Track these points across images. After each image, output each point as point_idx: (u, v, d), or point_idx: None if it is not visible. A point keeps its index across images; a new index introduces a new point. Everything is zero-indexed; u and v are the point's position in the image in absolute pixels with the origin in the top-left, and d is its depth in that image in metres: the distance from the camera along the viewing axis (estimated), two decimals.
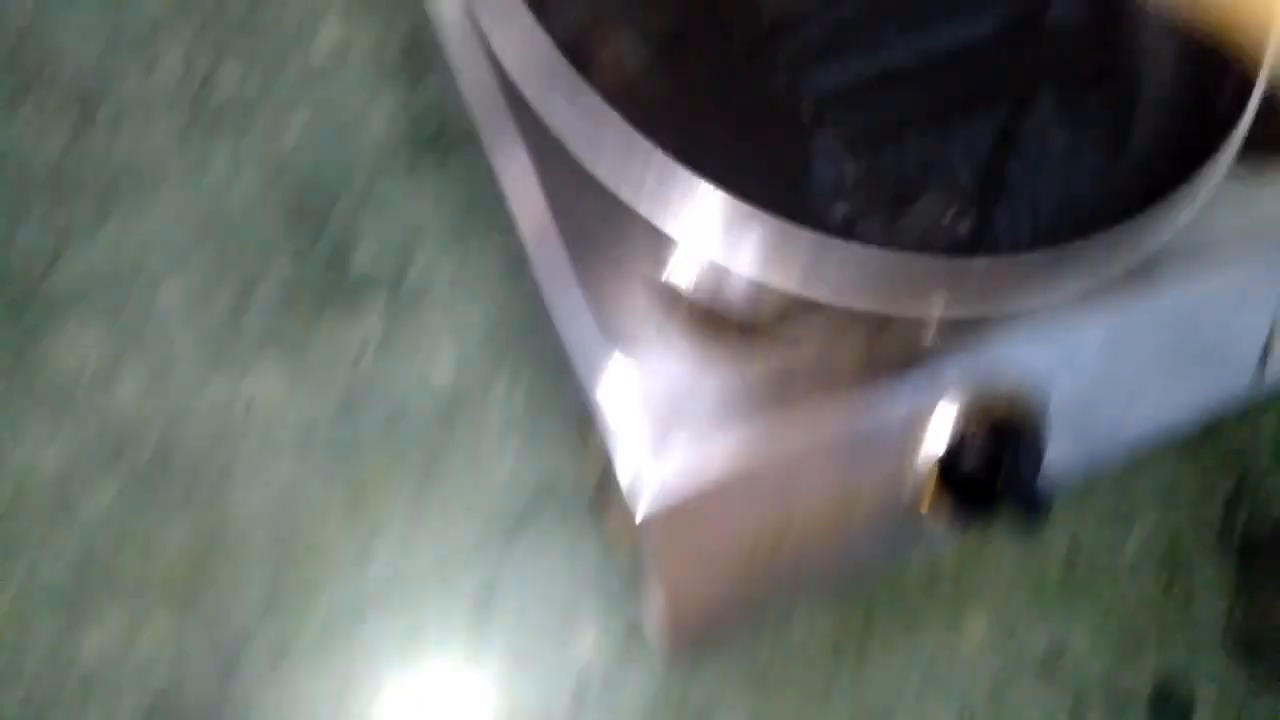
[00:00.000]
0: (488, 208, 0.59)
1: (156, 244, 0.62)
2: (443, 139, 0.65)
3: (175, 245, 0.62)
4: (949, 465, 0.53)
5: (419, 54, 0.66)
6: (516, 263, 0.53)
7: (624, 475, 0.48)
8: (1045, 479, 0.53)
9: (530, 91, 0.36)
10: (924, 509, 0.55)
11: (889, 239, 0.34)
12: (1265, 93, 0.35)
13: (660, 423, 0.48)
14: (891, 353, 0.49)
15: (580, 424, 0.52)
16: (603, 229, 0.48)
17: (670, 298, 0.47)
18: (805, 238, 0.34)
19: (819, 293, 0.37)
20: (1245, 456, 0.72)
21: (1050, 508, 0.49)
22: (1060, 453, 0.60)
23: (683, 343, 0.48)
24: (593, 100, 0.34)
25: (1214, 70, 0.36)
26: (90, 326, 0.60)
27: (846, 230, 0.33)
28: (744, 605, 0.58)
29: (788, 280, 0.36)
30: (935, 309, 0.38)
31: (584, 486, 0.60)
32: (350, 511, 0.59)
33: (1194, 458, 0.71)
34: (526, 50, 0.36)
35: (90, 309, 0.60)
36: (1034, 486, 0.52)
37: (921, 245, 0.35)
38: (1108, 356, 0.58)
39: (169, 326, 0.61)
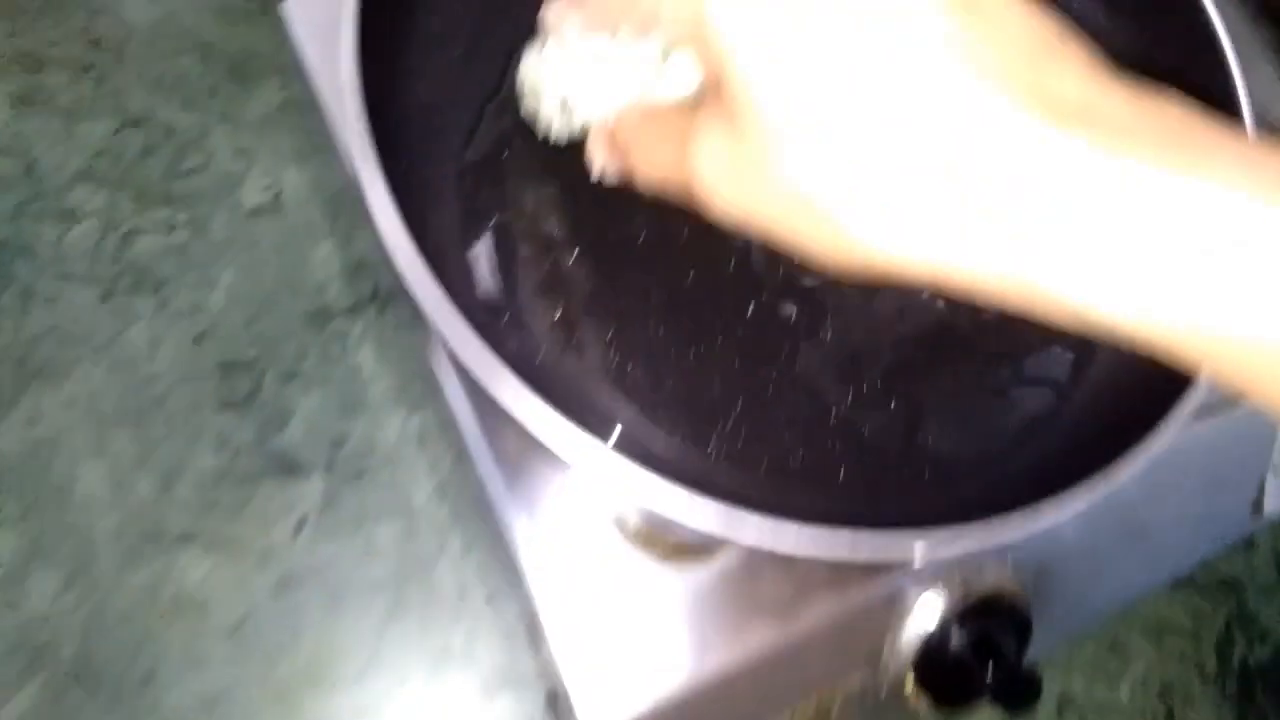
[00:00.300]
0: (426, 369, 0.55)
1: (75, 425, 0.58)
2: (376, 298, 0.61)
3: (95, 425, 0.58)
4: (931, 655, 0.50)
5: (350, 208, 0.62)
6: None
7: (576, 699, 0.44)
8: (1032, 658, 0.50)
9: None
10: (906, 693, 0.52)
11: (850, 518, 0.30)
12: None
13: (612, 640, 0.44)
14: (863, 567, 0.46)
15: (530, 622, 0.49)
16: (539, 458, 0.45)
17: (618, 520, 0.44)
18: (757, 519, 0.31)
19: (779, 548, 0.33)
20: (1238, 585, 0.69)
21: (1039, 691, 0.46)
22: (1047, 626, 0.57)
23: (634, 559, 0.45)
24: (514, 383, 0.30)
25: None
26: (2, 519, 0.56)
27: (804, 514, 0.30)
28: None
29: (744, 540, 0.32)
30: (907, 557, 0.34)
31: (539, 678, 0.56)
32: (290, 712, 0.55)
33: (1185, 590, 0.68)
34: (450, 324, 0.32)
35: (2, 499, 0.56)
36: (1021, 671, 0.48)
37: (886, 519, 0.31)
38: (1093, 528, 0.55)
39: (88, 515, 0.56)
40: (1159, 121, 0.20)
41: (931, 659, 0.50)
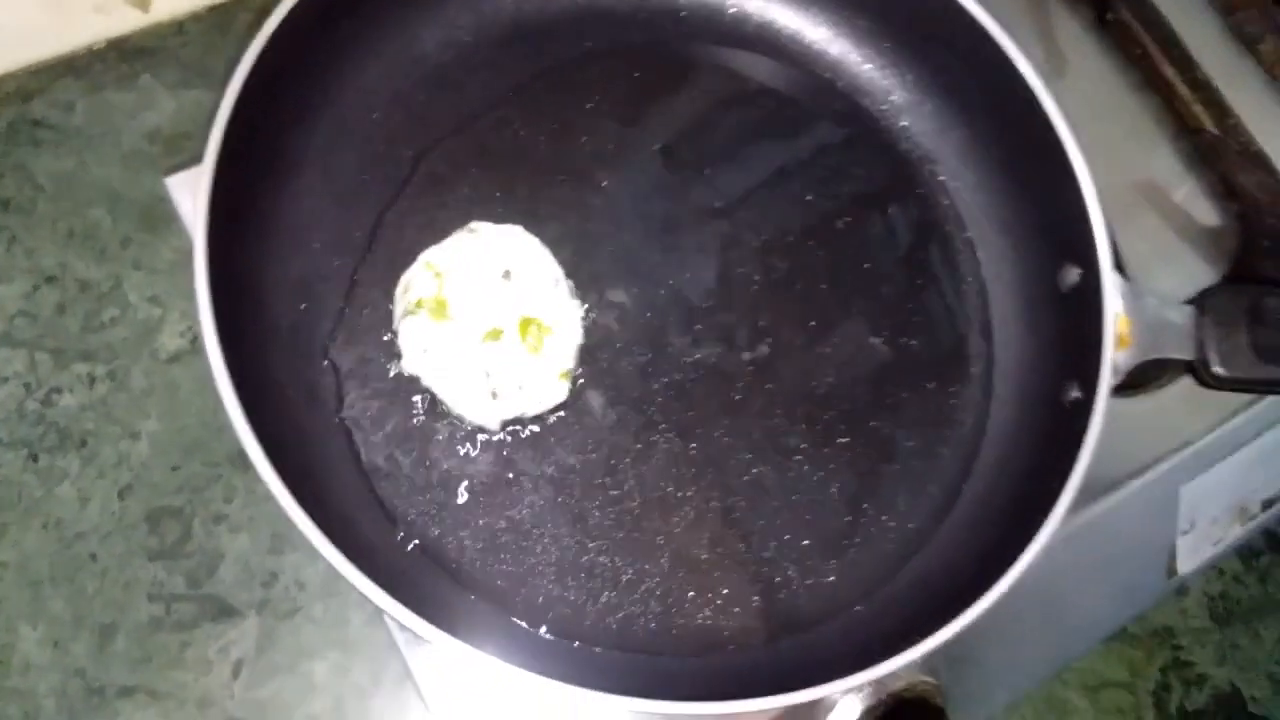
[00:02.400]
0: None
1: (9, 590, 0.59)
2: None
3: (29, 588, 0.59)
4: None
5: None
6: None
7: None
8: None
9: None
10: None
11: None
12: None
13: None
14: None
15: None
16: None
17: None
18: None
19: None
20: (1171, 632, 0.70)
21: None
22: (976, 702, 0.58)
23: None
24: None
25: None
26: None
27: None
28: None
29: None
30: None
31: None
32: None
33: (1119, 642, 0.69)
34: None
35: None
36: None
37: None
38: (1006, 612, 0.56)
39: (29, 678, 0.58)
40: None
41: None
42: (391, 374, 0.49)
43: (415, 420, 0.48)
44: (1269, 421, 0.63)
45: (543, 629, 0.46)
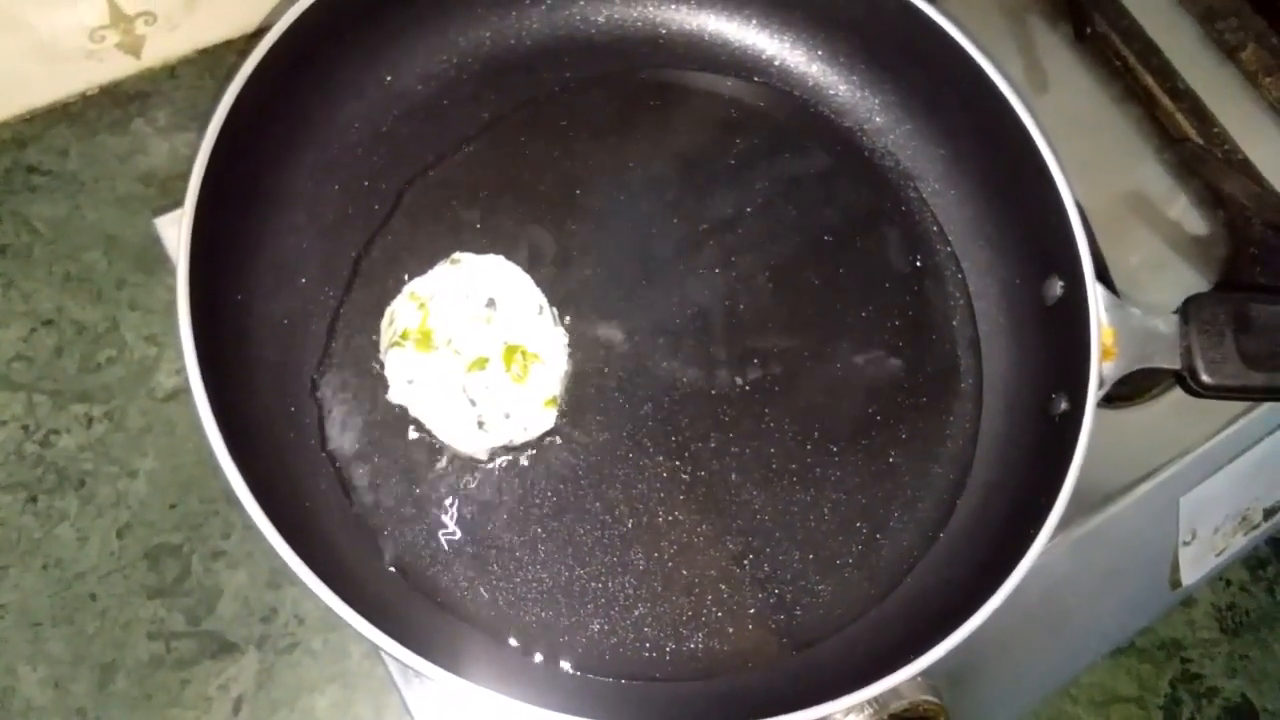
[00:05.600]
0: None
1: (9, 631, 0.59)
2: None
3: (29, 629, 0.59)
4: None
5: None
6: None
7: None
8: None
9: None
10: None
11: None
12: None
13: None
14: None
15: None
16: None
17: None
18: None
19: None
20: (1180, 645, 0.69)
21: None
22: (981, 716, 0.57)
23: None
24: None
25: None
26: None
27: None
28: None
29: None
30: None
31: None
32: None
33: (1127, 656, 0.68)
34: None
35: None
36: None
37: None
38: (1008, 625, 0.56)
39: None
40: None
41: None
42: (379, 405, 0.49)
43: (403, 451, 0.49)
44: (1267, 429, 0.63)
45: (536, 658, 0.46)
